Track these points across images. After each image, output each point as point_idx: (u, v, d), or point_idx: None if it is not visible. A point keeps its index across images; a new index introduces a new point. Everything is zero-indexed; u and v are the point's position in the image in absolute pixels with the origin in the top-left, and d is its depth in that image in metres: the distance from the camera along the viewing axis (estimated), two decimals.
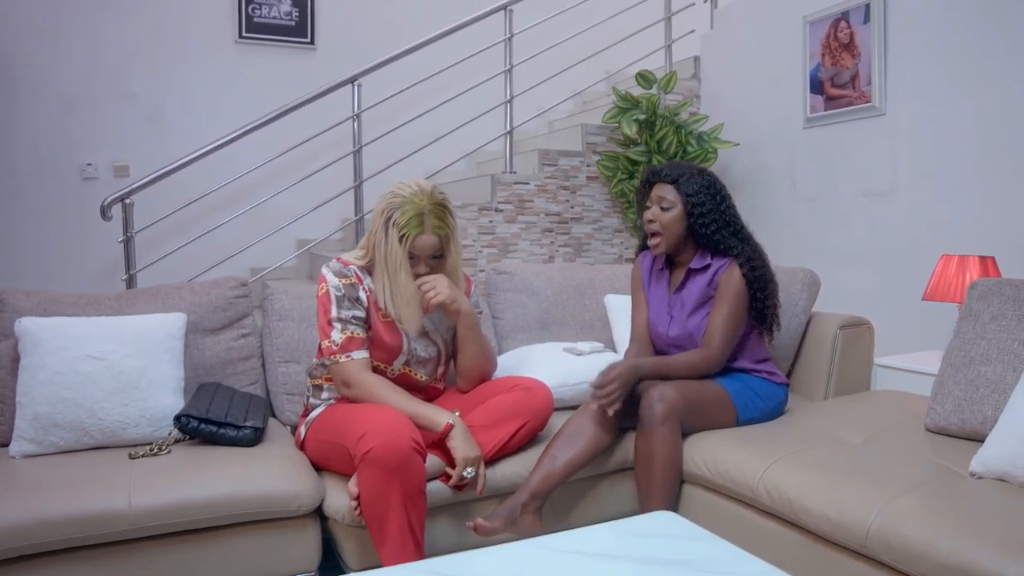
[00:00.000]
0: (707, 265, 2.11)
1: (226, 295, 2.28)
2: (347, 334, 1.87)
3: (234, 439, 1.91)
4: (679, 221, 2.09)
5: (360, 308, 1.91)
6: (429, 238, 1.86)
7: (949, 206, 3.02)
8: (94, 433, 1.91)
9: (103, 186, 4.06)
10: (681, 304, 2.14)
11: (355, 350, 1.87)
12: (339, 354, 1.87)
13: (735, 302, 2.04)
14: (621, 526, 1.38)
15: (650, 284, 2.25)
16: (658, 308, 2.20)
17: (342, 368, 1.87)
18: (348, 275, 1.92)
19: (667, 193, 2.11)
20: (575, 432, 1.95)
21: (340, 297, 1.89)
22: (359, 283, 1.93)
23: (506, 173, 3.95)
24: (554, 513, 2.01)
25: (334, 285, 1.90)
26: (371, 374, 1.88)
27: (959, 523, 1.40)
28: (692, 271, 2.13)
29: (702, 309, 2.11)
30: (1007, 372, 1.81)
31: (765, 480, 1.74)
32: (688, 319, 2.11)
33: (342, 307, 1.88)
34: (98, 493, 1.64)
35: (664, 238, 2.11)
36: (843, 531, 1.54)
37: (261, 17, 4.43)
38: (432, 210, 1.85)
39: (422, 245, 1.86)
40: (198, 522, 1.68)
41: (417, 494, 1.70)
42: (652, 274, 2.26)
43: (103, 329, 2.00)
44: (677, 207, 2.09)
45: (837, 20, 3.43)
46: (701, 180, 2.11)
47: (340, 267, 1.93)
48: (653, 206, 2.13)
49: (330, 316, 1.88)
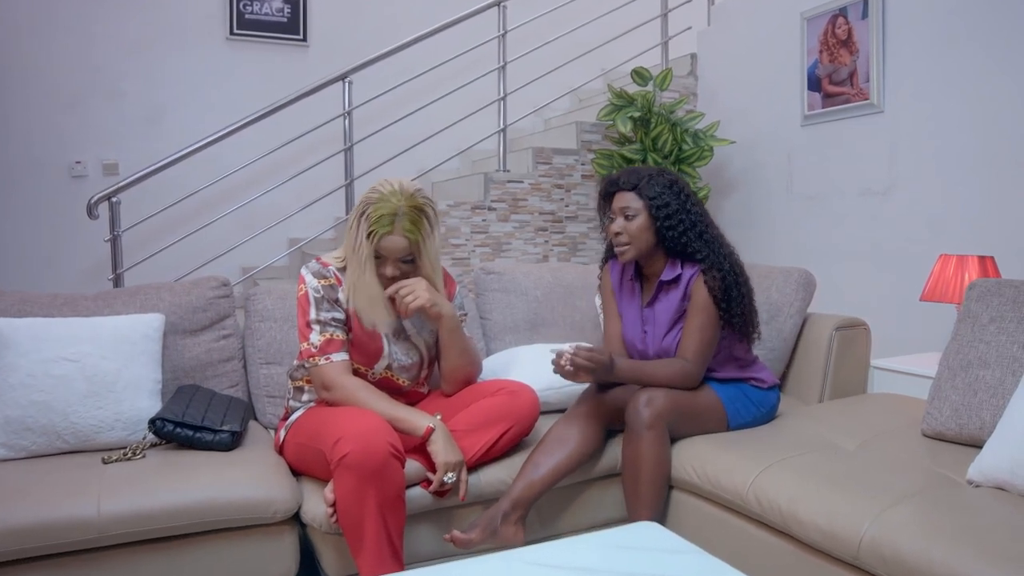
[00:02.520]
0: (678, 276, 2.00)
1: (206, 295, 2.22)
2: (326, 336, 1.83)
3: (211, 443, 1.86)
4: (646, 229, 1.98)
5: (339, 310, 1.86)
6: (397, 240, 1.79)
7: (948, 205, 2.96)
8: (67, 437, 1.86)
9: (92, 184, 4.01)
10: (655, 320, 2.04)
11: (334, 352, 1.82)
12: (318, 356, 1.82)
13: (705, 315, 1.95)
14: (602, 538, 1.33)
15: (621, 296, 2.14)
16: (632, 323, 2.10)
17: (321, 371, 1.82)
18: (327, 276, 1.87)
19: (629, 201, 1.99)
20: (560, 438, 1.90)
21: (319, 299, 1.84)
22: (338, 284, 1.88)
23: (499, 171, 3.90)
24: (539, 521, 1.96)
25: (313, 287, 1.85)
26: (351, 377, 1.83)
27: (955, 534, 1.34)
28: (664, 284, 2.03)
29: (678, 325, 2.01)
30: (1006, 376, 1.75)
31: (755, 487, 1.68)
32: (664, 337, 2.02)
33: (321, 309, 1.84)
34: (66, 499, 1.59)
35: (633, 246, 1.99)
36: (834, 542, 1.48)
37: (253, 14, 4.37)
38: (407, 212, 1.78)
39: (388, 246, 1.80)
40: (170, 529, 1.63)
41: (395, 501, 1.65)
42: (622, 285, 2.14)
43: (78, 330, 1.95)
44: (642, 214, 1.98)
45: (835, 16, 3.38)
46: (662, 180, 1.99)
47: (319, 268, 1.88)
48: (617, 217, 2.01)
49: (308, 318, 1.84)
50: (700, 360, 1.96)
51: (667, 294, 2.03)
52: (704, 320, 1.95)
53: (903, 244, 3.14)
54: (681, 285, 2.01)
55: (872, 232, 3.28)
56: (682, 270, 2.00)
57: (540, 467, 1.85)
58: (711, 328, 1.96)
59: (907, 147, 3.12)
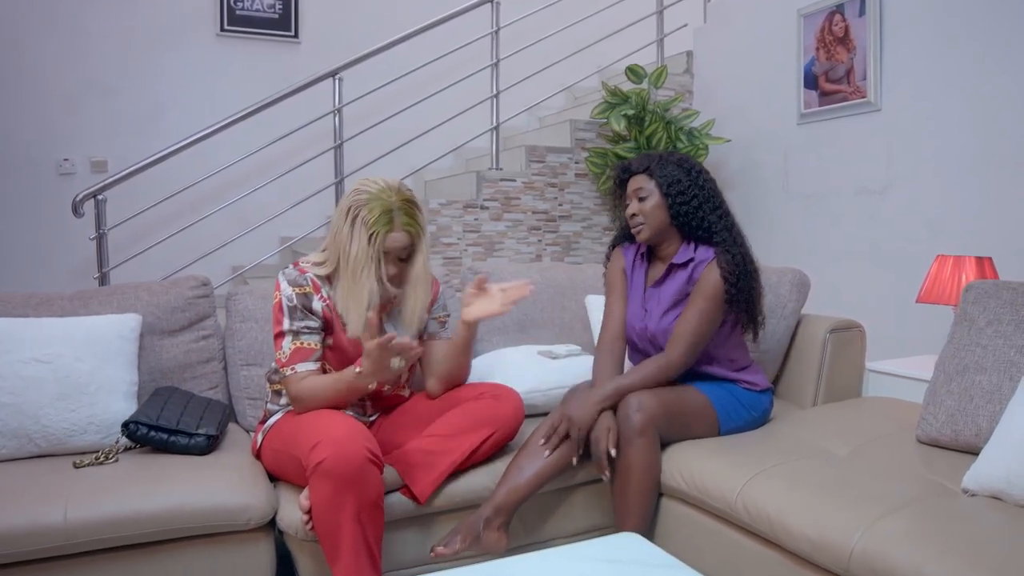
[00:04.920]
0: (690, 260, 1.98)
1: (186, 295, 2.17)
2: (296, 344, 1.78)
3: (186, 447, 1.82)
4: (660, 208, 1.98)
5: (314, 318, 1.81)
6: (400, 235, 1.75)
7: (945, 204, 2.91)
8: (38, 440, 1.81)
9: (80, 182, 3.95)
10: (658, 299, 2.01)
11: (300, 363, 1.77)
12: (286, 367, 1.77)
13: (709, 303, 1.91)
14: (582, 550, 1.28)
15: (631, 276, 2.12)
16: (634, 301, 2.07)
17: (287, 383, 1.78)
18: (303, 284, 1.81)
19: (642, 183, 2.01)
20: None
21: (292, 307, 1.79)
22: (315, 292, 1.82)
23: (492, 169, 3.85)
24: (523, 527, 1.91)
25: (287, 295, 1.79)
26: (307, 382, 1.76)
27: (949, 546, 1.29)
28: (674, 266, 2.01)
29: (678, 307, 1.98)
30: (1003, 381, 1.70)
31: (743, 495, 1.63)
32: (663, 316, 1.99)
33: (294, 318, 1.79)
34: (32, 505, 1.54)
35: (648, 225, 1.99)
36: (824, 553, 1.43)
37: (243, 10, 4.32)
38: (401, 207, 1.75)
39: (393, 245, 1.75)
40: (140, 536, 1.58)
41: (373, 508, 1.59)
42: (633, 267, 2.12)
43: (51, 330, 1.91)
44: (655, 194, 1.98)
45: (832, 13, 3.32)
46: (672, 159, 2.01)
47: (296, 275, 1.82)
48: (632, 200, 2.02)
49: (282, 328, 1.79)
50: (689, 347, 1.90)
51: (674, 276, 2.01)
52: (705, 307, 1.91)
53: (900, 244, 3.09)
54: (688, 269, 1.98)
55: (869, 232, 3.23)
56: (695, 254, 1.98)
57: (524, 471, 1.80)
58: (710, 319, 1.92)
59: (904, 146, 3.07)
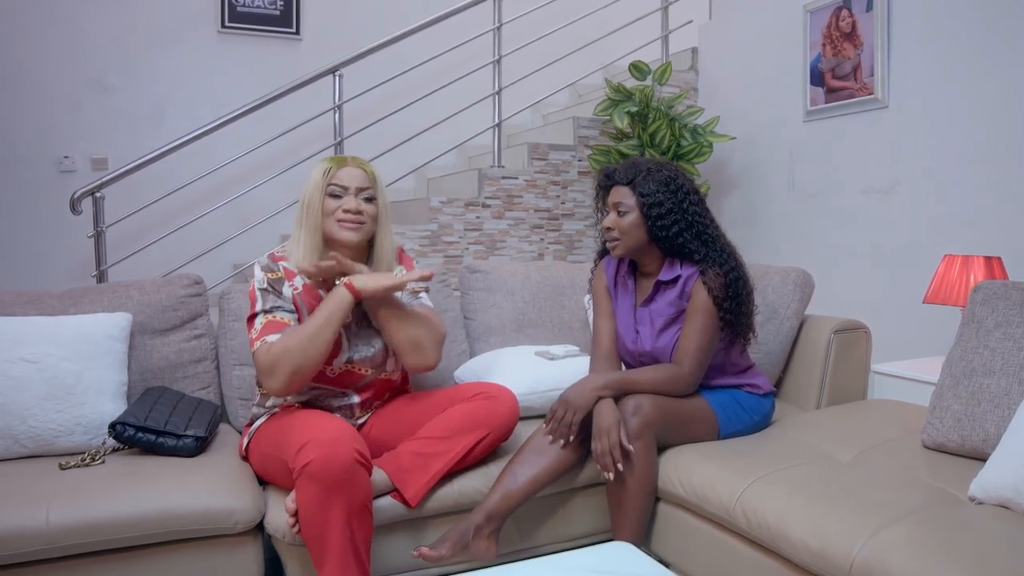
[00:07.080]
0: (676, 277, 1.91)
1: (177, 294, 2.14)
2: (267, 319, 1.75)
3: (174, 449, 1.78)
4: (637, 226, 1.88)
5: (284, 300, 1.80)
6: (353, 171, 1.81)
7: (953, 203, 2.85)
8: (25, 441, 1.78)
9: (80, 179, 3.93)
10: (650, 320, 1.94)
11: (270, 334, 1.72)
12: (256, 341, 1.73)
13: (705, 317, 1.85)
14: (571, 559, 1.24)
15: (615, 294, 2.05)
16: (624, 322, 2.00)
17: (256, 356, 1.71)
18: (275, 270, 1.82)
19: (623, 197, 1.90)
20: (540, 447, 1.80)
21: (264, 291, 1.79)
22: (287, 278, 1.82)
23: (494, 167, 3.81)
24: (518, 532, 1.87)
25: (258, 279, 1.80)
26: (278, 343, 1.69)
27: (953, 557, 1.25)
28: (661, 283, 1.93)
29: (674, 325, 1.91)
30: (1012, 385, 1.65)
31: (742, 502, 1.58)
32: (659, 336, 1.92)
33: (267, 300, 1.79)
34: (14, 508, 1.51)
35: (623, 243, 1.90)
36: (825, 563, 1.38)
37: (244, 6, 4.29)
38: (352, 160, 1.84)
39: (346, 176, 1.80)
40: (124, 540, 1.55)
41: (361, 511, 1.56)
42: (617, 283, 2.05)
43: (39, 330, 1.88)
44: (634, 211, 1.89)
45: (839, 8, 3.27)
46: (659, 176, 1.89)
47: (269, 262, 1.83)
48: (611, 212, 1.92)
49: (255, 310, 1.78)
50: (697, 364, 1.85)
51: (664, 294, 1.93)
52: (703, 322, 1.85)
53: (906, 244, 3.03)
54: (679, 285, 1.91)
55: (874, 231, 3.17)
56: (681, 270, 1.90)
57: (518, 478, 1.76)
58: (710, 331, 1.86)
59: (912, 144, 3.01)
